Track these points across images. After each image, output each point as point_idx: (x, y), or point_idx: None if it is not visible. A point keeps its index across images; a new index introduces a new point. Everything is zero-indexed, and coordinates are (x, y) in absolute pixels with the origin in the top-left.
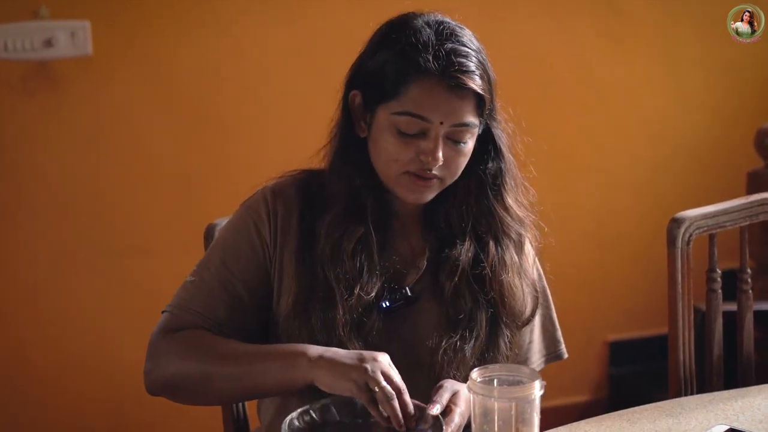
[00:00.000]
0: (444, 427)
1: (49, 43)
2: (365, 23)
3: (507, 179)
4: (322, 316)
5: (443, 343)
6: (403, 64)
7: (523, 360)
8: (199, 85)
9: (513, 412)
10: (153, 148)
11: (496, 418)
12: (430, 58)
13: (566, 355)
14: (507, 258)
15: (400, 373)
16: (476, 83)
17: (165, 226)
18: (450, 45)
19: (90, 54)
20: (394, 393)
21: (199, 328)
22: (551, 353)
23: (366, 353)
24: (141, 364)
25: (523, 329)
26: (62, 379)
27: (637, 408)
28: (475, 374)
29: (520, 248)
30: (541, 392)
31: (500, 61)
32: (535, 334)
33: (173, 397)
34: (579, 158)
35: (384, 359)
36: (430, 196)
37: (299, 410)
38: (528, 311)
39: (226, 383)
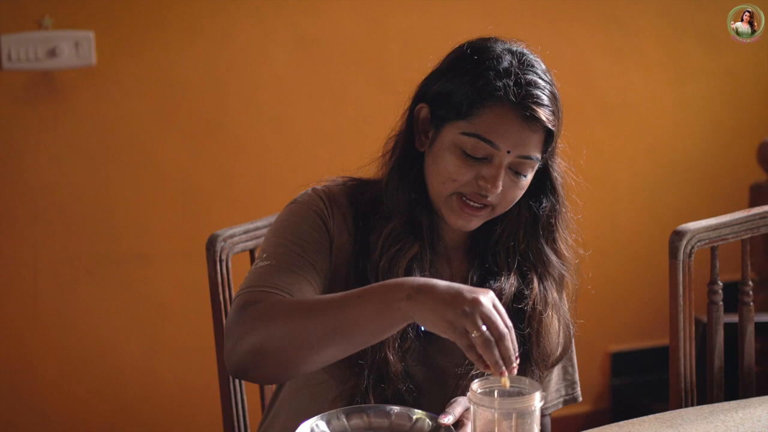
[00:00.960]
0: None
1: (52, 53)
2: (369, 33)
3: (560, 221)
4: None
5: (471, 372)
6: (482, 86)
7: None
8: (202, 95)
9: (513, 423)
10: (156, 157)
11: (496, 429)
12: (511, 85)
13: (581, 399)
14: (549, 297)
15: (427, 396)
16: (549, 119)
17: (167, 235)
18: (530, 76)
19: (94, 64)
20: (492, 339)
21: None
22: (568, 395)
23: (466, 291)
24: (143, 370)
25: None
26: (64, 385)
27: (637, 419)
28: (476, 385)
29: (561, 288)
30: (542, 403)
31: None
32: (554, 373)
33: (260, 370)
34: (580, 169)
35: (486, 300)
36: (476, 224)
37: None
38: (558, 352)
39: (319, 337)
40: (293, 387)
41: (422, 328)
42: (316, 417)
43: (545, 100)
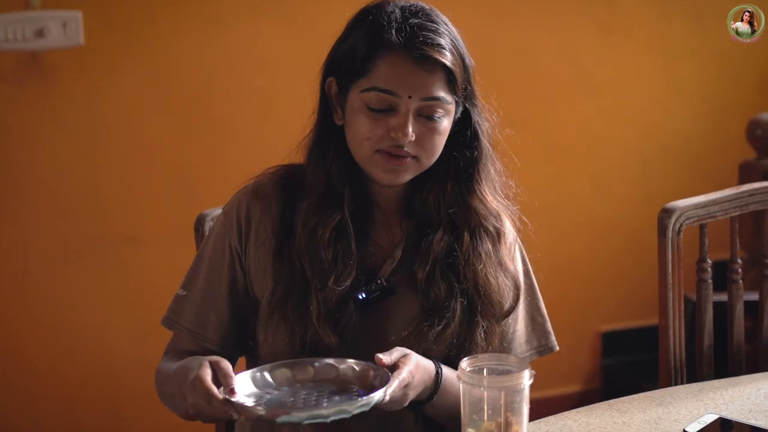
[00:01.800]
0: (391, 379)
1: (40, 33)
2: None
3: (481, 169)
4: (297, 309)
5: (421, 336)
6: (370, 40)
7: (507, 351)
8: (192, 76)
9: (502, 402)
10: (145, 138)
11: (485, 407)
12: (394, 32)
13: (557, 348)
14: (482, 250)
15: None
16: (444, 56)
17: (157, 218)
18: (416, 20)
19: (82, 44)
20: (216, 414)
21: (183, 352)
22: (542, 345)
23: (189, 386)
24: (133, 354)
25: (506, 321)
26: (55, 368)
27: (627, 397)
28: (465, 363)
29: (497, 241)
30: (530, 381)
31: (492, 54)
32: (519, 325)
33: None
34: (570, 150)
35: (196, 386)
36: (405, 176)
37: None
38: (507, 304)
39: (172, 398)
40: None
41: (359, 297)
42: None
43: (435, 39)
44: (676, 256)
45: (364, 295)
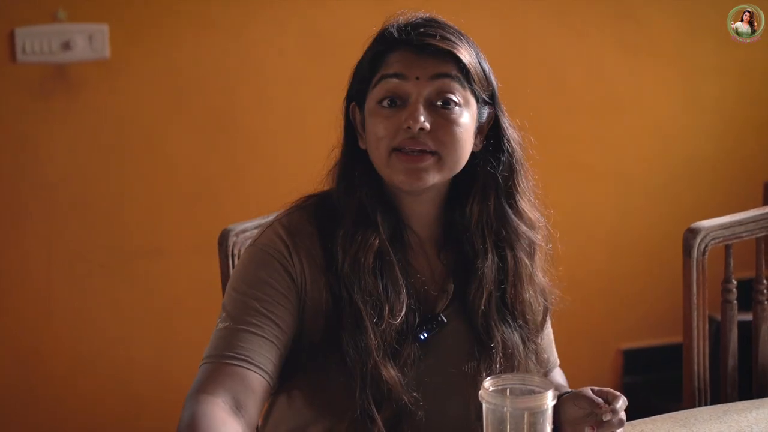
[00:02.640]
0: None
1: (67, 46)
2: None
3: (520, 182)
4: (354, 342)
5: (482, 370)
6: (374, 48)
7: (548, 359)
8: (216, 90)
9: (525, 422)
10: (168, 151)
11: (508, 427)
12: (395, 31)
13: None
14: (522, 269)
15: (438, 401)
16: (450, 45)
17: (179, 229)
18: (414, 21)
19: (108, 57)
20: None
21: (219, 403)
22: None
23: None
24: (154, 366)
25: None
26: (75, 379)
27: (650, 418)
28: (488, 383)
29: (532, 254)
30: (554, 402)
31: (516, 70)
32: (548, 328)
33: None
34: (594, 165)
35: None
36: (427, 177)
37: None
38: (540, 318)
39: None
40: (284, 411)
41: (422, 337)
42: None
43: (439, 32)
44: (701, 277)
45: (426, 335)
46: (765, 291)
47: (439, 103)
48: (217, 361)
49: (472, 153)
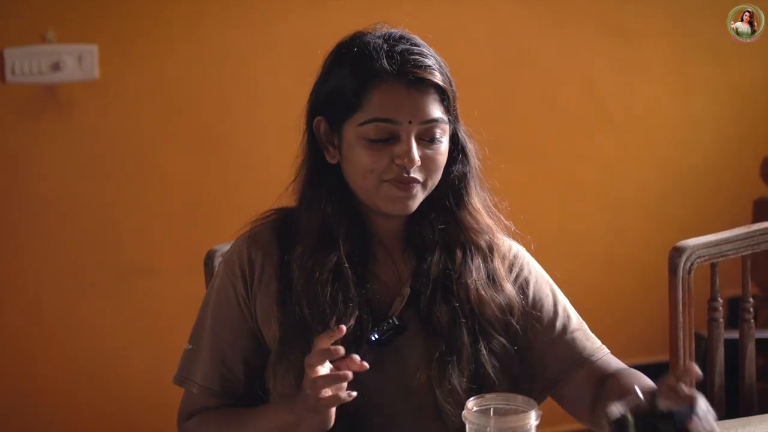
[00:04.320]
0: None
1: (56, 67)
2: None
3: (471, 182)
4: (303, 353)
5: (432, 366)
6: (360, 73)
7: (571, 351)
8: (206, 108)
9: None
10: (159, 170)
11: None
12: (384, 61)
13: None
14: (473, 266)
15: (393, 405)
16: (435, 76)
17: (171, 247)
18: (401, 46)
19: (97, 78)
20: (331, 398)
21: (202, 411)
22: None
23: (301, 396)
24: (146, 380)
25: (553, 324)
26: (69, 399)
27: None
28: (471, 403)
29: (489, 257)
30: (537, 422)
31: (509, 86)
32: (575, 322)
33: None
34: (586, 182)
35: (308, 383)
36: (414, 204)
37: None
38: (504, 318)
39: None
40: None
41: (372, 338)
42: None
43: (425, 61)
44: (687, 295)
45: (376, 336)
46: (751, 309)
47: (426, 138)
48: (180, 381)
49: None
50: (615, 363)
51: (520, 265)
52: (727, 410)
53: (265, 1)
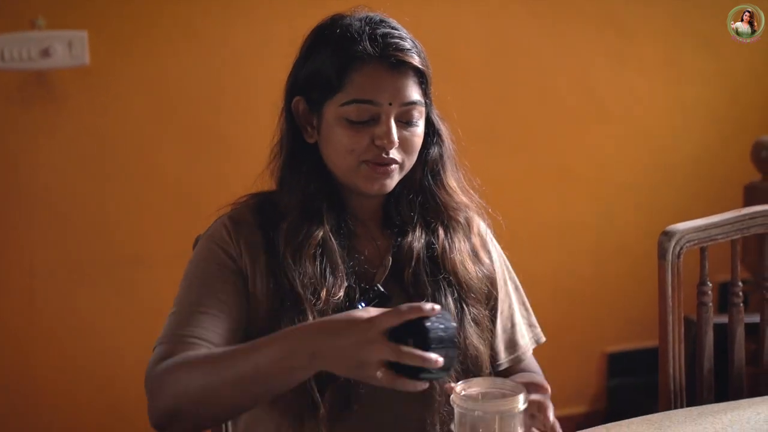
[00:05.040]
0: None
1: (46, 53)
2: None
3: (447, 163)
4: (293, 324)
5: None
6: (342, 55)
7: (513, 342)
8: (198, 96)
9: (497, 426)
10: (150, 157)
11: (480, 431)
12: (367, 43)
13: (543, 339)
14: (456, 240)
15: (385, 392)
16: (415, 60)
17: (162, 237)
18: (382, 29)
19: (87, 64)
20: (393, 376)
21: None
22: (535, 335)
23: (359, 325)
24: (140, 371)
25: (502, 311)
26: (62, 388)
27: (625, 421)
28: (459, 387)
29: (468, 231)
30: (525, 405)
31: (503, 77)
32: (517, 315)
33: (180, 424)
34: (580, 172)
35: (380, 321)
36: (391, 184)
37: None
38: (487, 290)
39: (230, 386)
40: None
41: (359, 306)
42: None
43: (405, 44)
44: (676, 279)
45: (363, 305)
46: (740, 293)
47: (404, 121)
48: (166, 342)
49: None
50: (530, 366)
51: (489, 243)
52: (716, 394)
53: None
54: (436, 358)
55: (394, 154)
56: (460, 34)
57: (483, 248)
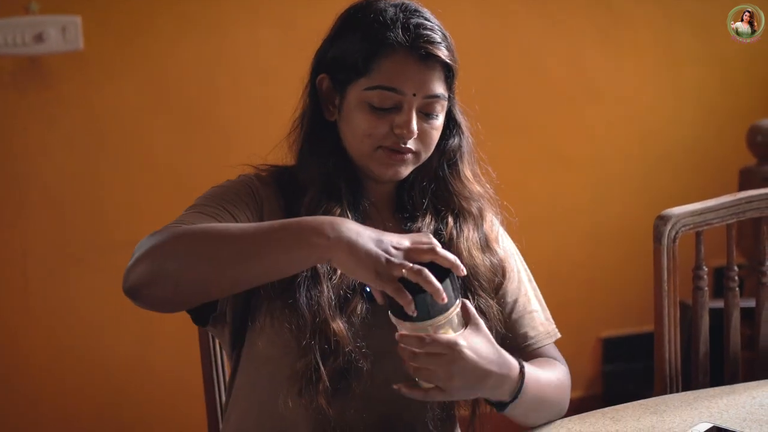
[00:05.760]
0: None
1: (39, 38)
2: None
3: (464, 154)
4: (308, 294)
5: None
6: (372, 40)
7: (530, 333)
8: (192, 81)
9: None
10: (145, 143)
11: None
12: (399, 32)
13: (559, 335)
14: (465, 230)
15: (387, 358)
16: (445, 54)
17: (157, 222)
18: (416, 20)
19: (81, 49)
20: (421, 268)
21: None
22: (553, 330)
23: (386, 240)
24: (134, 358)
25: (516, 300)
26: (55, 373)
27: (620, 405)
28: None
29: (479, 223)
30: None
31: (496, 61)
32: (534, 304)
33: (153, 289)
34: (573, 156)
35: (405, 242)
36: (405, 171)
37: None
38: (497, 280)
39: (227, 256)
40: (248, 369)
41: (367, 289)
42: None
43: (436, 37)
44: (672, 263)
45: (368, 290)
46: (736, 278)
47: (425, 112)
48: (172, 225)
49: None
50: (549, 353)
51: (500, 237)
52: (712, 378)
53: None
54: (444, 295)
55: (411, 144)
56: (452, 19)
57: (495, 241)
